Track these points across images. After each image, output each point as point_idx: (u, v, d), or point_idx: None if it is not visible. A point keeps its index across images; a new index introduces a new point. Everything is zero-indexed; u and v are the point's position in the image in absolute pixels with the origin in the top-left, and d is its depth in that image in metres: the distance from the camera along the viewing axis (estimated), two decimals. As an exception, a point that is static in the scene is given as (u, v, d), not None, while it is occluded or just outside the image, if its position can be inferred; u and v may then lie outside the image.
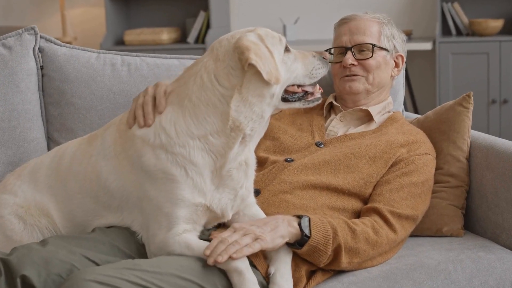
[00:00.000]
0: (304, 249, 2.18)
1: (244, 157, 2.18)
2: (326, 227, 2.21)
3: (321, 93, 2.25)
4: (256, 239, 2.09)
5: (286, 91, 2.18)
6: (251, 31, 2.15)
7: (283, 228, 2.15)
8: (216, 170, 2.13)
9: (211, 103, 2.11)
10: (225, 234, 2.09)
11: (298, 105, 2.21)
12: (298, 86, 2.20)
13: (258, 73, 2.07)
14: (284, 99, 2.18)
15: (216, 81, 2.11)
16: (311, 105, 2.22)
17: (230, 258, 2.04)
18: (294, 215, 2.21)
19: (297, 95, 2.20)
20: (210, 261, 2.05)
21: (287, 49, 2.18)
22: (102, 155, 2.22)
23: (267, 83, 2.09)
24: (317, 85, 2.24)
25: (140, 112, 2.19)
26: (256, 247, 2.09)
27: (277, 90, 2.13)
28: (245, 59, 2.06)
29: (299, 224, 2.18)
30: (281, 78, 2.11)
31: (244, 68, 2.07)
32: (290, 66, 2.17)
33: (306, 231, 2.17)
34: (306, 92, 2.21)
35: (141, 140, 2.14)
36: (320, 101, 2.24)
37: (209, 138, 2.11)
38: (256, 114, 2.11)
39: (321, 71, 2.22)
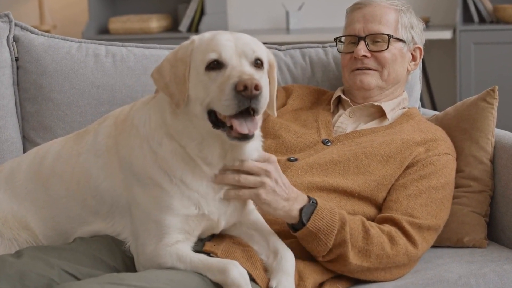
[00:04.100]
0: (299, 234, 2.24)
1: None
2: (333, 217, 2.25)
3: (238, 136, 2.01)
4: (257, 187, 2.14)
5: (217, 117, 2.05)
6: (192, 41, 2.10)
7: (284, 208, 2.20)
8: (197, 177, 2.13)
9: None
10: (264, 158, 2.16)
11: (224, 135, 2.05)
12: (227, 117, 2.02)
13: None
14: (212, 122, 2.06)
15: None
16: (230, 141, 2.04)
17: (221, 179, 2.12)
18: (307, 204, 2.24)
19: (221, 124, 2.05)
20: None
21: (218, 66, 2.03)
22: (92, 152, 2.23)
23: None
24: (235, 125, 2.00)
25: None
26: (245, 196, 2.16)
27: (198, 110, 2.06)
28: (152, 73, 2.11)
29: (301, 211, 2.22)
30: (183, 103, 2.05)
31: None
32: (208, 86, 2.04)
33: (304, 220, 2.22)
34: (227, 125, 2.03)
35: (136, 131, 2.16)
36: (241, 142, 2.04)
37: (174, 142, 2.13)
38: (194, 134, 2.10)
39: (227, 104, 1.98)
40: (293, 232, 2.25)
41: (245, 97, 1.97)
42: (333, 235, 2.23)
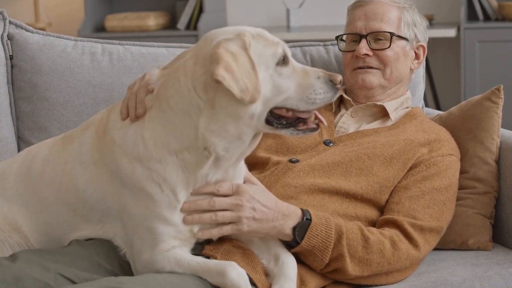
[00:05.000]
0: (294, 250, 2.24)
1: (222, 177, 2.15)
2: (329, 232, 2.24)
3: (318, 123, 2.12)
4: (236, 222, 2.15)
5: (273, 113, 2.07)
6: (238, 35, 2.05)
7: (276, 228, 2.20)
8: (189, 187, 2.12)
9: (188, 113, 2.07)
10: (223, 187, 2.14)
11: (284, 132, 2.09)
12: (290, 110, 2.08)
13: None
14: (269, 122, 2.07)
15: (193, 88, 2.06)
16: (300, 135, 2.10)
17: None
18: (301, 215, 2.24)
19: (285, 120, 2.09)
20: (184, 208, 2.12)
21: (284, 62, 2.07)
22: (78, 162, 2.21)
23: (242, 102, 2.01)
24: (314, 113, 2.11)
25: (133, 102, 2.16)
26: (228, 232, 2.16)
27: (258, 111, 2.04)
28: (211, 72, 2.00)
29: (295, 230, 2.22)
30: (258, 97, 2.01)
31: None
32: (281, 84, 2.05)
33: (298, 239, 2.22)
34: (298, 119, 2.09)
35: (119, 148, 2.13)
36: (314, 133, 2.12)
37: (184, 154, 2.09)
38: (231, 134, 2.06)
39: (322, 97, 2.06)
40: (288, 249, 2.24)
41: (337, 90, 2.08)
42: (328, 251, 2.24)
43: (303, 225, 2.23)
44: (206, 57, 2.05)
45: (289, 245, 2.24)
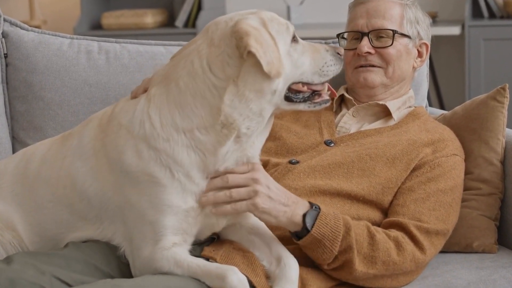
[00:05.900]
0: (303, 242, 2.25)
1: (241, 153, 2.17)
2: (337, 222, 2.25)
3: (330, 95, 2.26)
4: (252, 197, 2.16)
5: (290, 89, 2.18)
6: (254, 14, 2.16)
7: (286, 213, 2.21)
8: (206, 169, 2.14)
9: (200, 93, 2.12)
10: (240, 167, 2.17)
11: (302, 107, 2.20)
12: (305, 84, 2.19)
13: (258, 64, 2.07)
14: (288, 98, 2.17)
15: (208, 68, 2.12)
16: (317, 107, 2.22)
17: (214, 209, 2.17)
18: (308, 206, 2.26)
19: (302, 95, 2.19)
20: (203, 200, 2.16)
21: (294, 40, 2.18)
22: (78, 155, 2.23)
23: (267, 77, 2.09)
24: (327, 84, 2.24)
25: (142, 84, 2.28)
26: (242, 209, 2.17)
27: (280, 87, 2.13)
28: (243, 46, 2.07)
29: (304, 218, 2.23)
30: (283, 71, 2.11)
31: (243, 57, 2.08)
32: (297, 59, 2.17)
33: (308, 226, 2.23)
34: (313, 92, 2.21)
35: (126, 130, 2.16)
36: (328, 104, 2.24)
37: (195, 133, 2.12)
38: (253, 112, 2.11)
39: (333, 69, 2.22)
40: (297, 240, 2.25)
41: (342, 61, 2.26)
42: (338, 241, 2.24)
43: (313, 213, 2.24)
44: (224, 37, 2.12)
45: (298, 236, 2.24)
